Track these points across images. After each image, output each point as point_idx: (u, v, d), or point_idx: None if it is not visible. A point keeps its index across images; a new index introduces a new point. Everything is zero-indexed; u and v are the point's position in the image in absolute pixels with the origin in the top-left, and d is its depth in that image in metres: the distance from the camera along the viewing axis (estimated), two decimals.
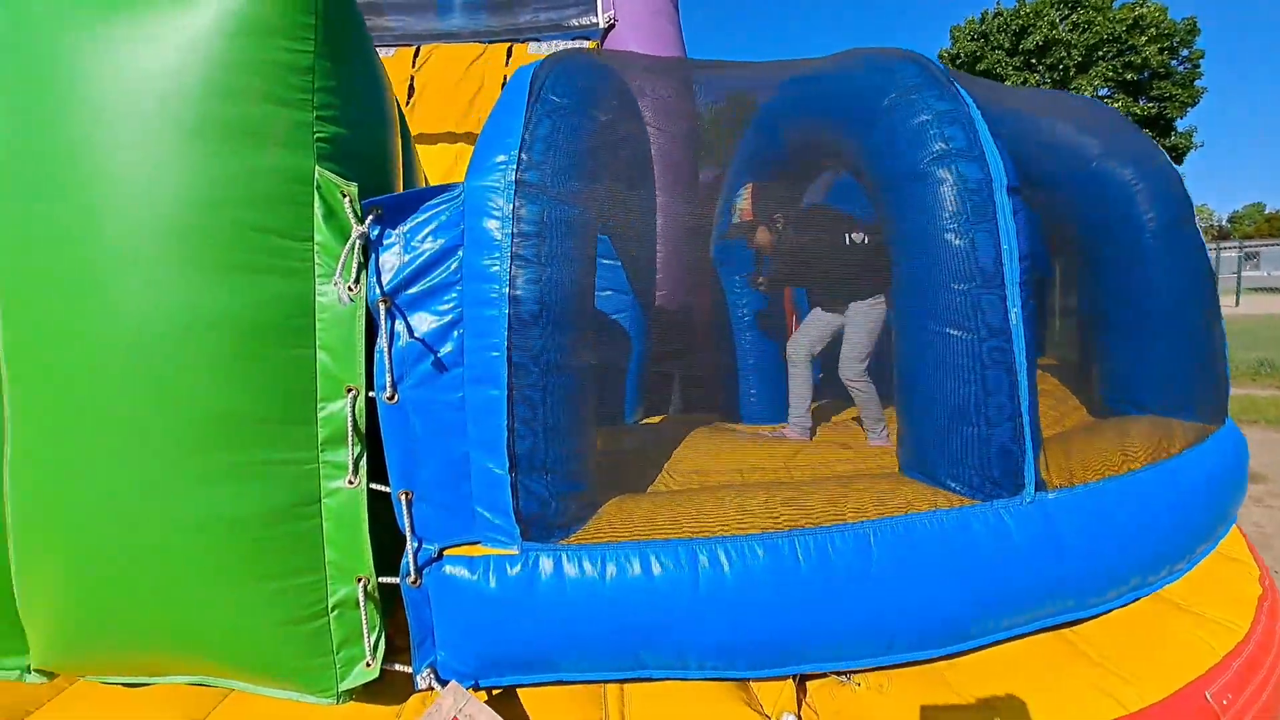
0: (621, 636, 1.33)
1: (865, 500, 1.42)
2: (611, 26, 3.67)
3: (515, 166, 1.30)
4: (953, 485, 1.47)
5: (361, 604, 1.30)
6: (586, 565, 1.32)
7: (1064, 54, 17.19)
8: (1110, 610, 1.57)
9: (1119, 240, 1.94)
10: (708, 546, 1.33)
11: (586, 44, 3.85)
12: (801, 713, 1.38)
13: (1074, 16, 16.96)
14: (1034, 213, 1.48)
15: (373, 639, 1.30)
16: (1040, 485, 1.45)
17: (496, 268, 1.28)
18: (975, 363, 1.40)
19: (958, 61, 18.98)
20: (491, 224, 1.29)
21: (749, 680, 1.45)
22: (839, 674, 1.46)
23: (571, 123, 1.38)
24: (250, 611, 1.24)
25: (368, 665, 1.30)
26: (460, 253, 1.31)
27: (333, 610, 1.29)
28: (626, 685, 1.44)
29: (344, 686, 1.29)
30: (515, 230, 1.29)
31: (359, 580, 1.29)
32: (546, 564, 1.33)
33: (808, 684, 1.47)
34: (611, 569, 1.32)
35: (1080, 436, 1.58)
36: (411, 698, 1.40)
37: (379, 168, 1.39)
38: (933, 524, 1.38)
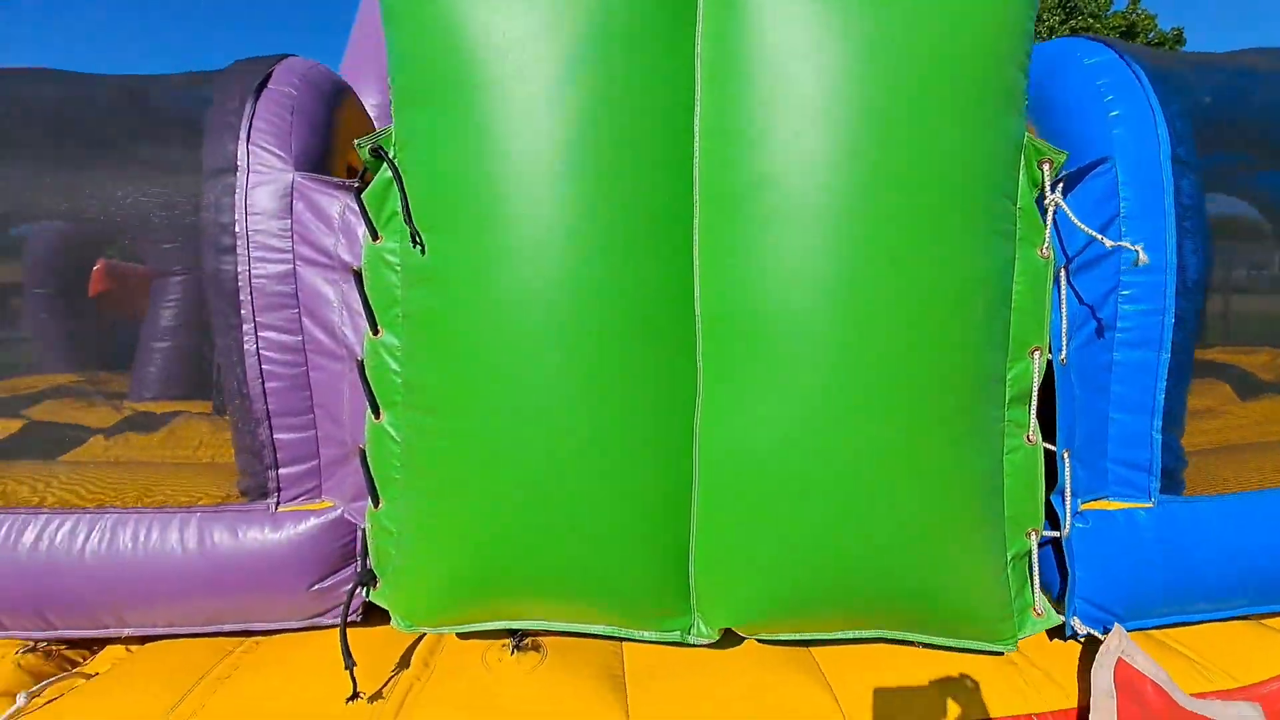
0: (1245, 578, 1.43)
1: None
2: None
3: (1168, 142, 1.38)
4: None
5: (1033, 555, 1.36)
6: (1218, 515, 1.42)
7: None
8: None
9: None
10: None
11: None
12: None
13: (1072, 23, 17.83)
14: None
15: (1038, 589, 1.37)
16: None
17: (1162, 238, 1.36)
18: None
19: None
20: (1155, 197, 1.36)
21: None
22: None
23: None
24: (961, 566, 1.29)
25: (1037, 614, 1.37)
26: (1118, 224, 1.37)
27: (1010, 562, 1.35)
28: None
29: (1022, 635, 1.36)
30: (1177, 203, 1.36)
31: (1029, 533, 1.35)
32: (1181, 515, 1.42)
33: None
34: (1242, 518, 1.42)
35: None
36: None
37: None
38: None
